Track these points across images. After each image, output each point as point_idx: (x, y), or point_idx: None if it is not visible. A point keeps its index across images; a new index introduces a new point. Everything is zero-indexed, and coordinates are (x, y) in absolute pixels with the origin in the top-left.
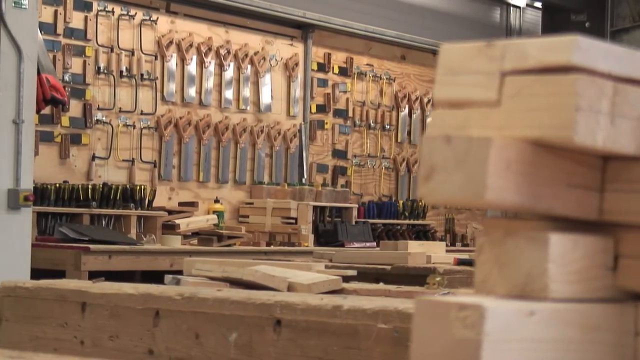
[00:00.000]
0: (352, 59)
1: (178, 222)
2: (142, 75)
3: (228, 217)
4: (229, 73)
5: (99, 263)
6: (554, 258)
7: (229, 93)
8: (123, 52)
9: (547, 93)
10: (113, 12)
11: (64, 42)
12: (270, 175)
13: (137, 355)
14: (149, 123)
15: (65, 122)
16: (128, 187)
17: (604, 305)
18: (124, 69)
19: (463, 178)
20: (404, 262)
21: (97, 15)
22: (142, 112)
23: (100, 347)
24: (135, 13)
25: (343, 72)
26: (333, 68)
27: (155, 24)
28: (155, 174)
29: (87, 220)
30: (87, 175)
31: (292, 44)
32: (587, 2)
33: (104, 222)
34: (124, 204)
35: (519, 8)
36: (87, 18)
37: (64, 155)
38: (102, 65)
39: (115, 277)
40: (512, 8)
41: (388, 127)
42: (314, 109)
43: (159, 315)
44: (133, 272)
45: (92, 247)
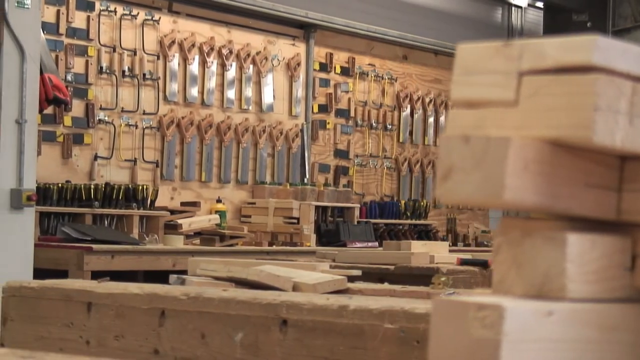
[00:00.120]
0: (354, 59)
1: (180, 222)
2: (144, 75)
3: (230, 217)
4: (231, 73)
5: (102, 263)
6: (572, 258)
7: (231, 93)
8: (125, 51)
9: (565, 93)
10: (115, 11)
11: (67, 41)
12: (273, 175)
13: (142, 355)
14: (152, 123)
15: (68, 121)
16: (130, 187)
17: (622, 305)
18: (127, 69)
19: (481, 178)
20: (407, 262)
21: (99, 15)
22: (144, 112)
23: (106, 347)
24: (138, 13)
25: (345, 72)
26: (335, 68)
27: (158, 24)
28: (158, 174)
29: (89, 220)
30: (89, 175)
31: (294, 44)
32: (588, 2)
33: (107, 222)
34: (127, 204)
35: (521, 8)
36: (89, 18)
37: (67, 155)
38: (104, 65)
39: (118, 277)
40: (513, 8)
41: (390, 127)
42: (316, 109)
43: (165, 315)
44: (135, 272)
45: (94, 247)
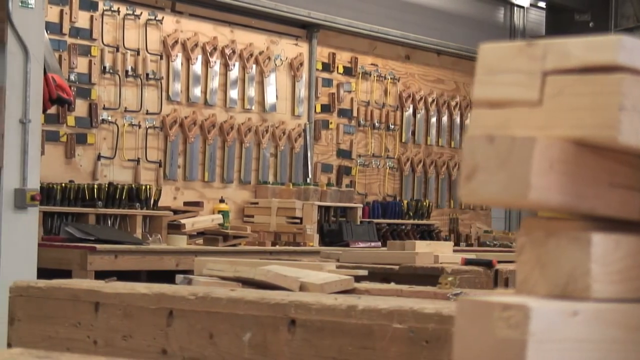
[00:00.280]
0: (356, 59)
1: (183, 221)
2: (147, 75)
3: (233, 216)
4: (234, 73)
5: (105, 263)
6: (596, 258)
7: (234, 93)
8: (128, 51)
9: (590, 93)
10: (119, 11)
11: (70, 41)
12: (275, 175)
13: (150, 355)
14: (155, 123)
15: (71, 121)
16: (133, 186)
17: None
18: (130, 69)
19: (506, 178)
20: (412, 262)
21: (102, 15)
22: (147, 111)
23: (114, 346)
24: (141, 13)
25: (347, 71)
26: (338, 68)
27: (161, 24)
28: (161, 174)
29: (92, 220)
30: (92, 175)
31: (297, 44)
32: (591, 2)
33: (110, 221)
34: (130, 204)
35: (523, 8)
36: (92, 18)
37: (70, 155)
38: (107, 65)
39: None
40: (516, 8)
41: (392, 127)
42: (319, 109)
43: (173, 315)
44: (138, 271)
45: (98, 246)
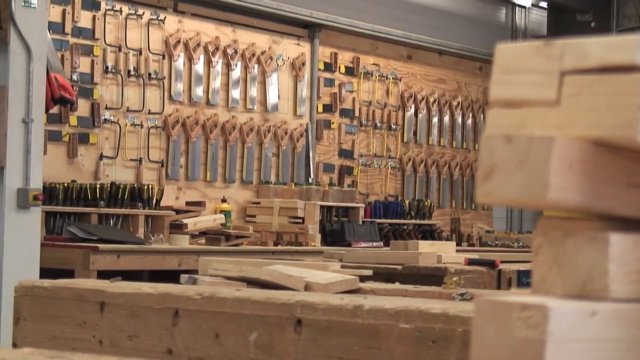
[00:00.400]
0: (358, 59)
1: (185, 221)
2: (149, 75)
3: (235, 216)
4: (236, 72)
5: (108, 262)
6: (614, 258)
7: (236, 92)
8: (131, 51)
9: (608, 93)
10: (121, 11)
11: (72, 41)
12: (277, 175)
13: (156, 355)
14: (157, 122)
15: (73, 121)
16: (136, 186)
17: None
18: (132, 69)
19: (525, 178)
20: (415, 262)
21: (105, 15)
22: (149, 111)
23: (119, 346)
24: (143, 12)
25: (349, 71)
26: (339, 68)
27: (163, 24)
28: (163, 174)
29: (95, 220)
30: (94, 175)
31: (299, 44)
32: (592, 2)
33: (112, 221)
34: (132, 204)
35: (525, 8)
36: (95, 17)
37: (72, 155)
38: (110, 65)
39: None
40: (517, 8)
41: (394, 126)
42: (321, 109)
43: (178, 315)
44: (141, 271)
45: (100, 246)
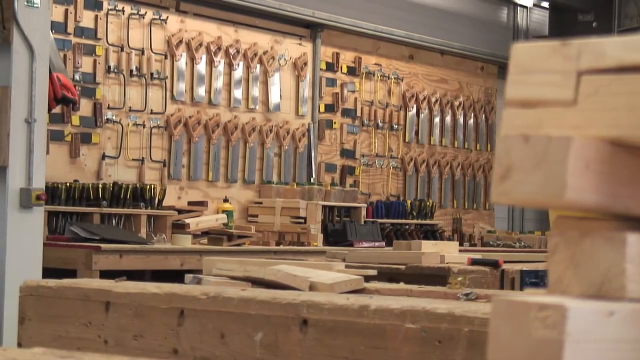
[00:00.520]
0: (360, 59)
1: (188, 221)
2: (151, 75)
3: (237, 216)
4: (238, 72)
5: (110, 262)
6: (631, 258)
7: (238, 92)
8: (133, 51)
9: (626, 92)
10: (123, 11)
11: (75, 41)
12: (279, 175)
13: (161, 355)
14: (159, 122)
15: (76, 121)
16: (138, 186)
17: None
18: (134, 68)
19: (542, 178)
20: (418, 262)
21: (107, 14)
22: (151, 111)
23: (124, 346)
24: (145, 12)
25: (351, 71)
26: (341, 67)
27: (165, 23)
28: (165, 173)
29: (97, 220)
30: (97, 175)
31: (300, 44)
32: (594, 1)
33: (114, 221)
34: (134, 203)
35: (526, 8)
36: (97, 17)
37: (74, 155)
38: (112, 65)
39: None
40: (519, 8)
41: (396, 126)
42: (323, 109)
43: (184, 315)
44: (143, 271)
45: (103, 246)
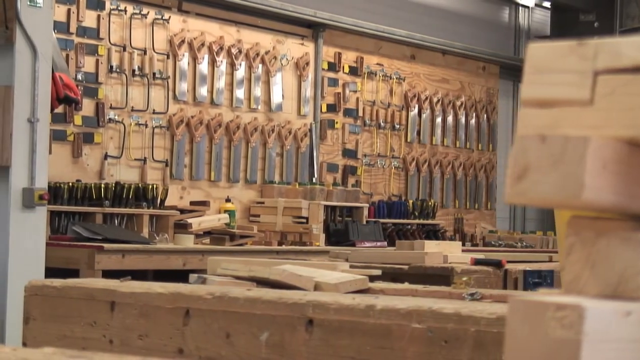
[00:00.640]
0: (362, 59)
1: (190, 221)
2: (154, 74)
3: (239, 216)
4: (240, 72)
5: (113, 262)
6: None
7: (240, 92)
8: (135, 51)
9: None
10: (125, 11)
11: (77, 40)
12: (281, 175)
13: (167, 355)
14: (161, 122)
15: (78, 121)
16: (140, 186)
17: None
18: (136, 68)
19: (559, 178)
20: (421, 262)
21: (109, 14)
22: (154, 111)
23: (130, 346)
24: (148, 12)
25: (353, 71)
26: (343, 67)
27: (167, 23)
28: (167, 173)
29: (99, 219)
30: (99, 174)
31: (302, 44)
32: (596, 1)
33: (117, 221)
34: (136, 203)
35: (528, 8)
36: (99, 17)
37: (77, 154)
38: (114, 64)
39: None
40: (520, 8)
41: (398, 126)
42: (325, 109)
43: (189, 315)
44: (145, 271)
45: (105, 246)
